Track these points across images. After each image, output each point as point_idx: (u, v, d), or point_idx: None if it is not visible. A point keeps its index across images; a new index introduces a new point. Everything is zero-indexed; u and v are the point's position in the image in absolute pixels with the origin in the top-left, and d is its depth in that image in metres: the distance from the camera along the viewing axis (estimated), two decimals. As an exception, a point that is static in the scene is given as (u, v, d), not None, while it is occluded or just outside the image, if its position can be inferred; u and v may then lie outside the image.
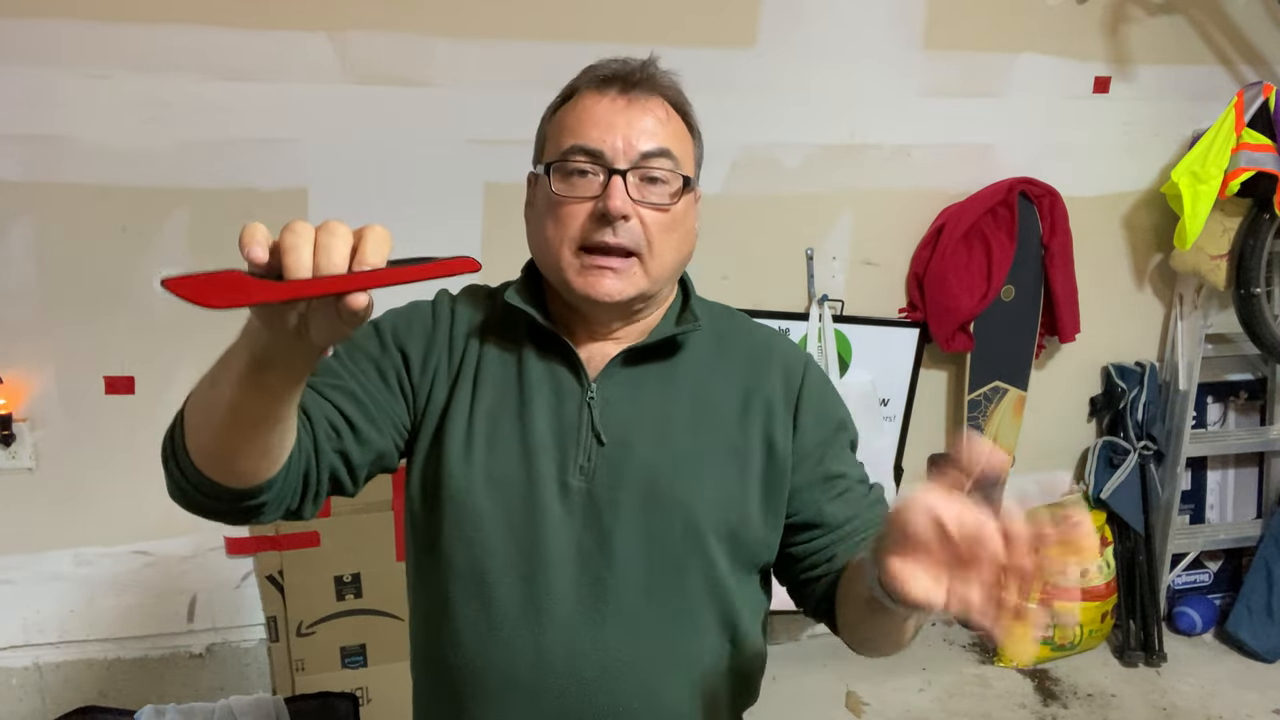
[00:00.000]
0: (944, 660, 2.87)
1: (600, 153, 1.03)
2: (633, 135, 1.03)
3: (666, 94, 1.08)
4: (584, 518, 1.05)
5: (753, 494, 1.09)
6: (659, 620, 1.06)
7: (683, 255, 1.10)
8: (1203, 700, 2.69)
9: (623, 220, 1.02)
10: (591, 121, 1.04)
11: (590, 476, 1.06)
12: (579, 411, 1.07)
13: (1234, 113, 2.62)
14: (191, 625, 2.48)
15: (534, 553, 1.05)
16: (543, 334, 1.10)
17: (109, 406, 2.31)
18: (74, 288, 2.24)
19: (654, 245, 1.04)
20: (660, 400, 1.09)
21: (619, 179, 1.02)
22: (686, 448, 1.07)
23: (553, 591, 1.05)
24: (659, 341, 1.10)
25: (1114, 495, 2.89)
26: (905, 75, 2.63)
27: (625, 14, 2.37)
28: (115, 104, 2.16)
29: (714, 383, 1.11)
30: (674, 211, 1.05)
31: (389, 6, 2.26)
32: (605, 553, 1.05)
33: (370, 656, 2.43)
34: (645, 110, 1.05)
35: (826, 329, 2.67)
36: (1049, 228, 2.74)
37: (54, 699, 2.40)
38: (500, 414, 1.08)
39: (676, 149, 1.06)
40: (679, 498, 1.05)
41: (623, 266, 1.04)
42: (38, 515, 2.32)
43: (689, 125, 1.11)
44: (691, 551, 1.06)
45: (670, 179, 1.05)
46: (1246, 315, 2.76)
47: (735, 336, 1.16)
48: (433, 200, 2.38)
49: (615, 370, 1.09)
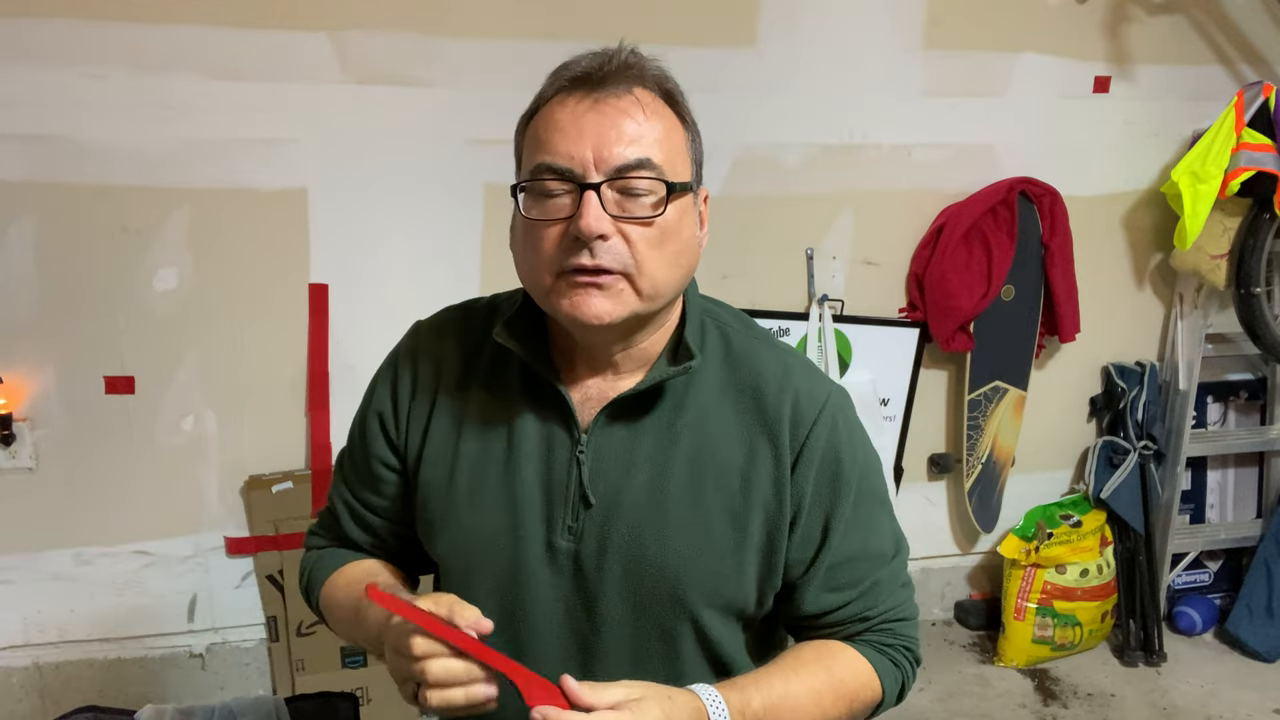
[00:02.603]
0: (944, 660, 2.87)
1: (569, 170, 0.91)
2: (604, 144, 0.90)
3: (647, 84, 0.95)
4: (571, 580, 1.01)
5: (749, 563, 1.00)
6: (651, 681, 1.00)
7: (681, 269, 0.97)
8: (1203, 700, 2.69)
9: (600, 240, 0.90)
10: (559, 133, 0.92)
11: (579, 537, 1.00)
12: (568, 467, 1.00)
13: (1234, 112, 2.62)
14: (191, 625, 2.48)
15: (519, 613, 1.02)
16: (534, 377, 1.01)
17: (109, 406, 2.31)
18: (74, 288, 2.24)
19: (642, 263, 0.92)
20: (654, 458, 0.99)
21: (591, 195, 0.90)
22: (680, 513, 0.99)
23: (538, 653, 1.01)
24: (650, 389, 0.99)
25: (1114, 495, 2.89)
26: (905, 75, 2.63)
27: (626, 14, 2.37)
28: (115, 104, 2.16)
29: (717, 434, 1.00)
30: (662, 223, 0.93)
31: (389, 6, 2.26)
32: (591, 617, 1.01)
33: (370, 656, 2.43)
34: (619, 112, 0.92)
35: (826, 329, 2.67)
36: (1049, 227, 2.74)
37: (54, 699, 2.40)
38: (487, 464, 1.02)
39: (660, 152, 0.93)
40: (667, 569, 0.98)
41: (610, 283, 0.92)
42: (38, 515, 2.32)
43: (680, 116, 0.98)
44: (680, 619, 1.00)
45: (653, 188, 0.92)
46: (1246, 315, 2.76)
47: (748, 372, 1.02)
48: (433, 200, 2.38)
49: (605, 422, 1.00)
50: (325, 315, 2.39)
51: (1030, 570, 2.80)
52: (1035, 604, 2.79)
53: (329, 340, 2.40)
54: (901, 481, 2.87)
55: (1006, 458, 2.93)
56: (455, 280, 2.42)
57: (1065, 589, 2.79)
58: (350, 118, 2.29)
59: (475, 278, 2.44)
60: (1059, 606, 2.79)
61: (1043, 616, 2.79)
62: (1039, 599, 2.79)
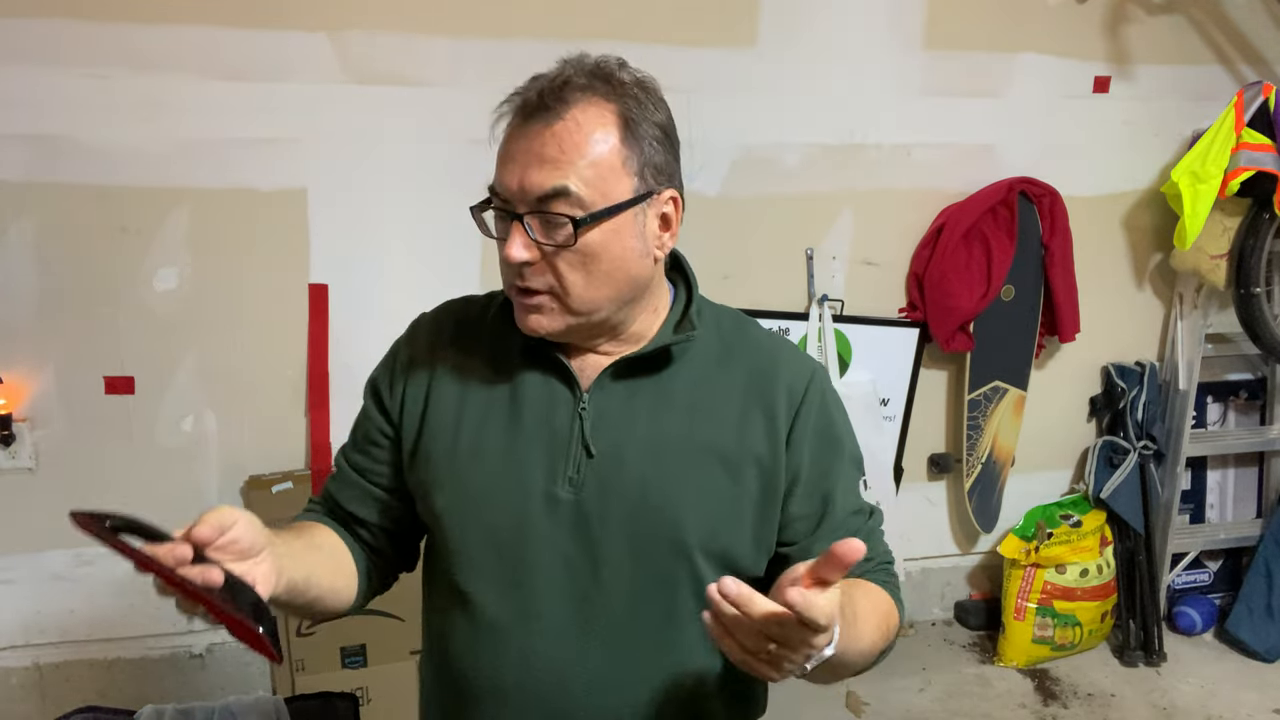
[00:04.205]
0: (944, 660, 2.87)
1: (505, 199, 0.99)
2: (528, 175, 0.96)
3: (591, 98, 0.97)
4: (571, 530, 1.04)
5: (745, 512, 1.06)
6: (647, 634, 1.05)
7: (614, 285, 1.01)
8: (1203, 700, 2.69)
9: (526, 265, 0.98)
10: (501, 159, 0.99)
11: (579, 488, 1.04)
12: (570, 423, 1.05)
13: (1234, 112, 2.62)
14: (191, 625, 2.48)
15: (521, 564, 1.04)
16: (535, 347, 1.07)
17: (109, 406, 2.31)
18: (74, 288, 2.24)
19: (566, 286, 0.99)
20: (654, 412, 1.06)
21: (517, 225, 0.97)
22: (678, 462, 1.04)
23: (539, 603, 1.04)
24: (654, 351, 1.06)
25: (1114, 495, 2.89)
26: (905, 75, 2.63)
27: (626, 14, 2.37)
28: (115, 104, 2.16)
29: (712, 395, 1.07)
30: (584, 246, 0.97)
31: (389, 6, 2.26)
32: (592, 565, 1.04)
33: (370, 656, 2.43)
34: (544, 141, 0.95)
35: (826, 329, 2.67)
36: (1049, 227, 2.74)
37: (54, 699, 2.40)
38: (488, 425, 1.07)
39: (582, 177, 0.95)
40: (667, 512, 1.03)
41: (540, 302, 1.00)
42: (38, 515, 2.32)
43: (628, 126, 0.98)
44: (679, 566, 1.04)
45: (569, 217, 0.96)
46: (1246, 315, 2.76)
47: (742, 347, 1.11)
48: (433, 200, 2.38)
49: (608, 381, 1.06)
50: (325, 315, 2.39)
51: (1030, 570, 2.80)
52: (1035, 604, 2.79)
53: (329, 340, 2.40)
54: (901, 481, 2.86)
55: (1006, 458, 2.93)
56: (455, 280, 2.41)
57: (1065, 589, 2.79)
58: (350, 118, 2.29)
59: (475, 277, 2.44)
60: (1059, 606, 2.79)
61: (1043, 616, 2.79)
62: (1039, 599, 2.79)
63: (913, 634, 2.99)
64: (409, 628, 2.42)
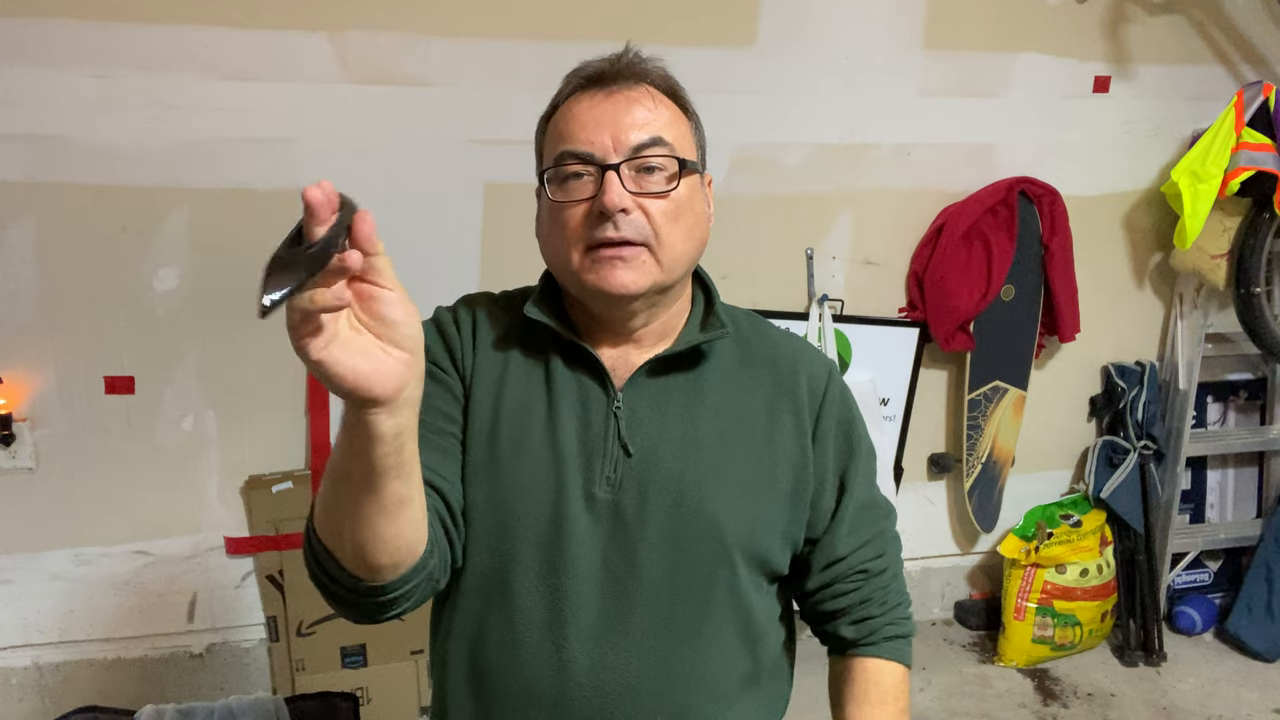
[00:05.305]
0: (944, 660, 2.87)
1: (590, 155, 1.01)
2: (621, 129, 1.01)
3: (652, 80, 1.07)
4: (610, 529, 1.04)
5: (777, 508, 1.08)
6: (684, 633, 1.05)
7: (695, 242, 1.07)
8: (1203, 700, 2.69)
9: (622, 214, 1.00)
10: (579, 125, 1.03)
11: (617, 487, 1.04)
12: (605, 421, 1.06)
13: (1234, 112, 2.62)
14: (191, 625, 2.48)
15: (559, 563, 1.04)
16: (566, 344, 1.08)
17: (109, 406, 2.31)
18: (74, 288, 2.24)
19: (661, 234, 1.02)
20: (687, 411, 1.07)
21: (613, 174, 1.00)
22: (714, 460, 1.06)
23: (577, 602, 1.04)
24: (686, 350, 1.08)
25: (1114, 495, 2.89)
26: (905, 75, 2.63)
27: (626, 14, 2.37)
28: (115, 104, 2.16)
29: (740, 393, 1.10)
30: (676, 196, 1.03)
31: (389, 6, 2.26)
32: (631, 564, 1.04)
33: (370, 656, 2.43)
34: (631, 101, 1.03)
35: (826, 329, 2.67)
36: (1049, 227, 2.75)
37: (54, 699, 2.40)
38: (527, 422, 1.07)
39: (670, 134, 1.04)
40: (706, 510, 1.04)
41: (632, 254, 1.01)
42: (38, 515, 2.32)
43: (683, 108, 1.09)
44: (717, 564, 1.05)
45: (666, 164, 1.03)
46: (1246, 315, 2.76)
47: (760, 344, 1.14)
48: (433, 200, 2.38)
49: (641, 380, 1.08)
50: (325, 315, 2.39)
51: (1030, 570, 2.80)
52: (1035, 604, 2.79)
53: (329, 340, 2.39)
54: (901, 481, 2.87)
55: (1006, 457, 2.94)
56: (455, 280, 2.41)
57: (1065, 589, 2.79)
58: (350, 118, 2.29)
59: (475, 277, 2.44)
60: (1059, 606, 2.79)
61: (1043, 616, 2.79)
62: (1039, 599, 2.79)
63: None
64: (409, 628, 2.42)
